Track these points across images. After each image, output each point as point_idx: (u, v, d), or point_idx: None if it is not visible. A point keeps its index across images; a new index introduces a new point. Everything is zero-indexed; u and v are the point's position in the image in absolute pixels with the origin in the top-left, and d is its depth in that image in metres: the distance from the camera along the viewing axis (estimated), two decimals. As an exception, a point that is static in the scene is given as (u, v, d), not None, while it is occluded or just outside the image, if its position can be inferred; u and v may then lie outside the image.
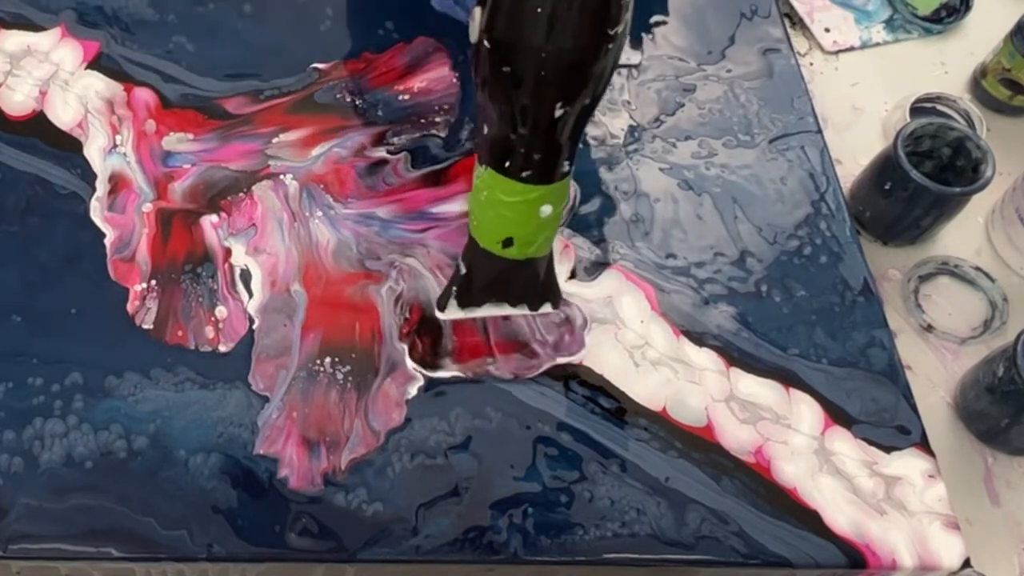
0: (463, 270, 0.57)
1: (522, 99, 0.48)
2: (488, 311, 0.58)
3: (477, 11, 0.48)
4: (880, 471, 0.59)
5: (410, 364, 0.60)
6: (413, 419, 0.58)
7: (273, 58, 0.73)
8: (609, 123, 0.73)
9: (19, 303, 0.60)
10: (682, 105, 0.75)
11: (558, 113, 0.49)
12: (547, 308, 0.59)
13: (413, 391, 0.59)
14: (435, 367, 0.59)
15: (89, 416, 0.56)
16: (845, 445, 0.60)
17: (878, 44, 0.89)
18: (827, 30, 0.89)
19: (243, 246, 0.64)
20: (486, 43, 0.48)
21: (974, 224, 0.78)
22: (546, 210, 0.52)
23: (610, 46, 0.47)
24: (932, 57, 0.89)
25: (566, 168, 0.52)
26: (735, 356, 0.62)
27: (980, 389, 0.66)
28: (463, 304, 0.58)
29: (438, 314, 0.58)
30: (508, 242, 0.54)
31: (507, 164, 0.51)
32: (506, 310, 0.58)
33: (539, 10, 0.45)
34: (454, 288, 0.58)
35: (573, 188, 0.57)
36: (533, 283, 0.57)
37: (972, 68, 0.87)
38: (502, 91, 0.49)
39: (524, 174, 0.51)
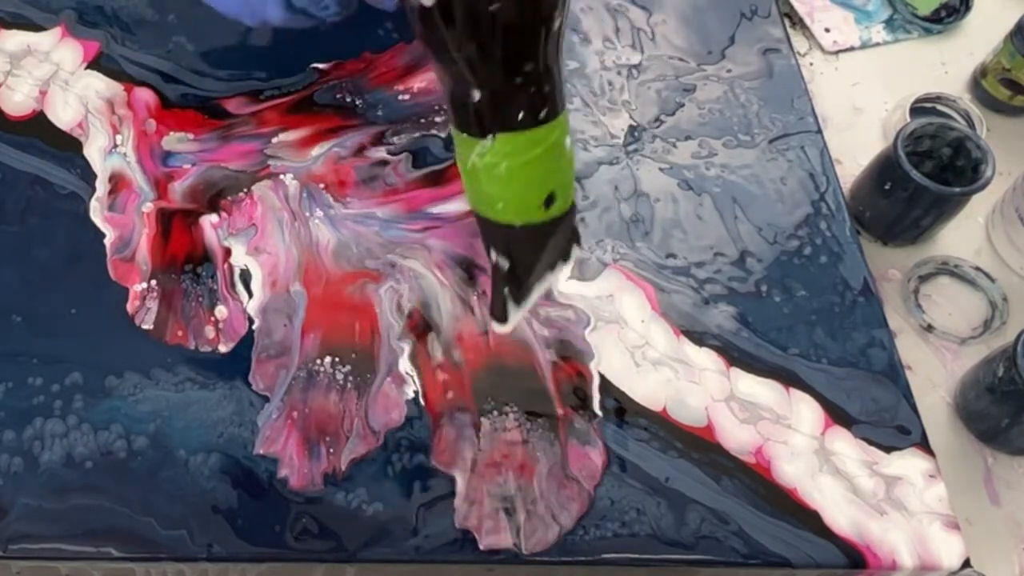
0: (504, 266, 0.50)
1: (515, 32, 0.42)
2: (536, 294, 0.51)
3: None
4: (880, 471, 0.59)
5: (403, 367, 0.60)
6: (413, 419, 0.58)
7: (273, 58, 0.73)
8: (609, 123, 0.73)
9: (19, 303, 0.60)
10: (682, 105, 0.75)
11: (554, 27, 0.43)
12: (576, 251, 0.52)
13: (409, 393, 0.59)
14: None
15: (89, 416, 0.56)
16: (845, 445, 0.60)
17: (878, 44, 0.89)
18: (827, 30, 0.89)
19: (243, 246, 0.64)
20: None
21: (974, 224, 0.78)
22: (568, 142, 0.47)
23: None
24: (932, 57, 0.89)
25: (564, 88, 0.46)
26: (735, 356, 0.62)
27: (980, 389, 0.66)
28: (520, 300, 0.50)
29: (500, 328, 0.52)
30: (550, 199, 0.47)
31: (521, 115, 0.45)
32: (549, 282, 0.51)
33: None
34: (505, 289, 0.50)
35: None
36: (571, 230, 0.50)
37: (972, 68, 0.87)
38: (488, 36, 0.42)
39: (542, 115, 0.45)
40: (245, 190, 0.66)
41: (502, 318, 0.51)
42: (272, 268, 0.63)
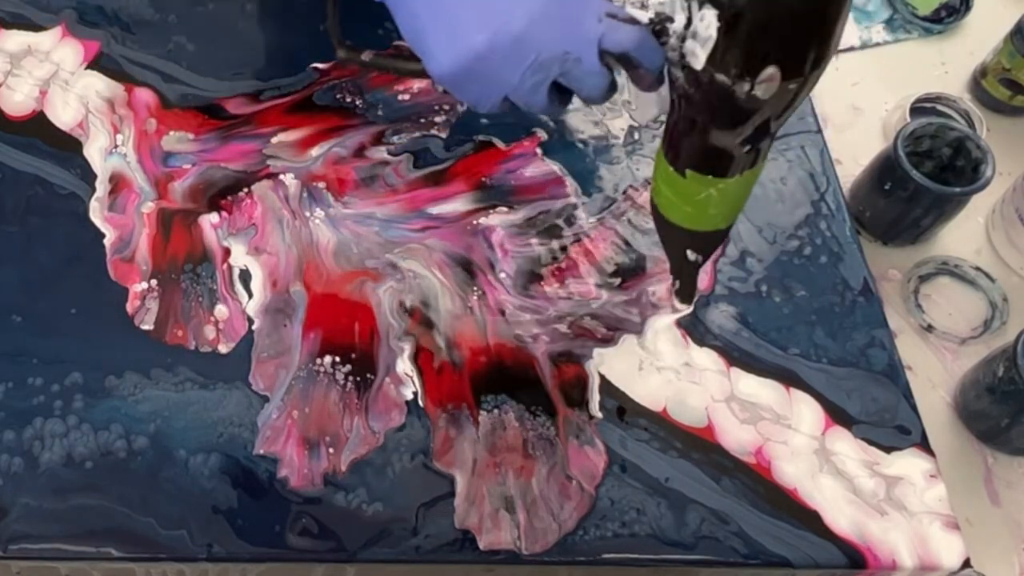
0: (700, 261, 0.54)
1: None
2: None
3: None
4: (880, 471, 0.59)
5: (403, 367, 0.60)
6: (413, 419, 0.58)
7: (273, 58, 0.73)
8: (609, 123, 0.73)
9: (19, 303, 0.60)
10: (682, 105, 0.74)
11: None
12: None
13: (409, 393, 0.59)
14: None
15: (89, 416, 0.56)
16: (845, 445, 0.60)
17: (878, 44, 0.89)
18: (827, 30, 0.89)
19: (243, 246, 0.64)
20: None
21: (974, 224, 0.78)
22: None
23: None
24: (932, 57, 0.89)
25: None
26: (735, 356, 0.62)
27: (980, 389, 0.66)
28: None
29: (686, 308, 0.63)
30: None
31: (757, 160, 0.49)
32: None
33: None
34: (691, 278, 0.56)
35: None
36: None
37: (972, 68, 0.87)
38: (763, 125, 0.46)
39: (767, 154, 0.50)
40: (245, 190, 0.66)
41: (691, 299, 0.59)
42: (272, 268, 0.63)
